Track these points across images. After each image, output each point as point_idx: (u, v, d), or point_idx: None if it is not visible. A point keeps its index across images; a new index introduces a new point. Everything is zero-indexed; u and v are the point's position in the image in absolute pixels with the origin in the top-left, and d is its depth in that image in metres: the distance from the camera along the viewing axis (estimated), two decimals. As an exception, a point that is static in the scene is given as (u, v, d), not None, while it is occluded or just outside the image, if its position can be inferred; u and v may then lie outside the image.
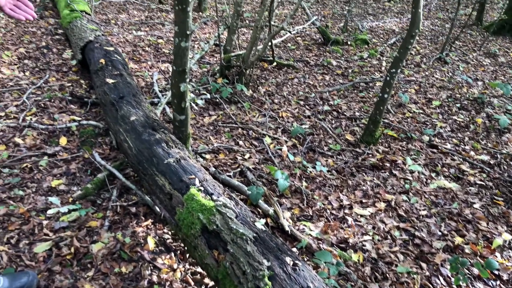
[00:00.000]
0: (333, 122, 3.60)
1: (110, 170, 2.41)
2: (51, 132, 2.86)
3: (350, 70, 4.89)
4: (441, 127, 3.62)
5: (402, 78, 4.74)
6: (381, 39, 6.42)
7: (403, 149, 3.20)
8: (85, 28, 4.10)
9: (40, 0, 6.37)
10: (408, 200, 2.59)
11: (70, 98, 3.35)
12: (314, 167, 2.82)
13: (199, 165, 2.13)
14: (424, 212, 2.48)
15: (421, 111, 3.92)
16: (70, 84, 3.65)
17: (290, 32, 5.15)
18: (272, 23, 4.59)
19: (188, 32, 2.22)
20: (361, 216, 2.41)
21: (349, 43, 5.94)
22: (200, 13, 7.00)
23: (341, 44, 5.86)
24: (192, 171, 1.99)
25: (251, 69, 4.04)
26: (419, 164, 2.99)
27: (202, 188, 1.85)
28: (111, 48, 3.61)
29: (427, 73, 4.99)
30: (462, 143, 3.39)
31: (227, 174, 2.61)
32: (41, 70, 3.90)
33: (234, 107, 3.66)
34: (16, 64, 3.92)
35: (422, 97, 4.24)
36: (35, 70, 3.88)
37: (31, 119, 2.98)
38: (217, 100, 3.68)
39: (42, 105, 3.22)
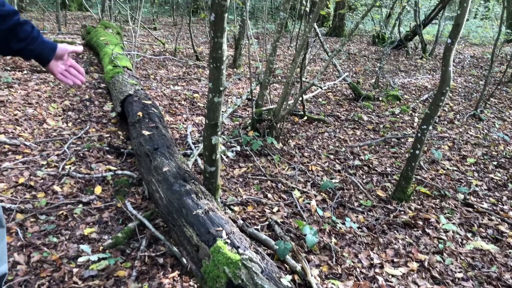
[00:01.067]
0: (364, 177, 3.56)
1: (141, 219, 2.46)
2: (87, 181, 2.98)
3: (381, 126, 4.89)
4: (476, 185, 3.51)
5: (435, 134, 4.69)
6: (413, 95, 6.43)
7: (437, 207, 3.11)
8: (126, 83, 4.36)
9: (87, 56, 6.85)
10: (442, 261, 2.48)
11: (107, 148, 3.51)
12: (343, 223, 2.77)
13: (226, 217, 2.15)
14: (460, 275, 2.36)
15: (455, 168, 3.83)
16: (108, 135, 3.82)
17: (321, 87, 5.26)
18: (303, 79, 4.72)
19: (221, 89, 2.33)
20: (393, 276, 2.32)
21: (380, 98, 5.98)
22: (235, 69, 7.29)
23: (372, 100, 5.91)
24: (220, 223, 2.01)
25: (282, 123, 4.12)
26: (454, 223, 2.88)
27: (228, 241, 1.86)
28: (149, 102, 3.80)
29: (461, 129, 4.92)
30: (500, 203, 3.26)
31: (255, 227, 2.60)
32: (83, 121, 4.12)
33: (264, 160, 3.70)
34: (60, 116, 4.17)
35: (456, 154, 4.16)
36: (77, 121, 4.11)
37: (70, 168, 3.12)
38: (248, 153, 3.75)
39: (81, 154, 3.38)
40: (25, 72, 5.50)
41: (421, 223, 2.85)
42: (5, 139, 3.36)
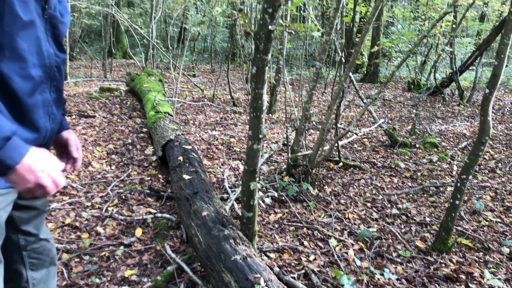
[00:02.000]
0: (402, 226, 3.49)
1: (179, 263, 2.51)
2: (128, 223, 3.08)
3: (419, 173, 4.82)
4: (523, 238, 3.36)
5: (475, 184, 4.56)
6: (451, 143, 6.32)
7: (480, 260, 2.99)
8: (167, 128, 4.55)
9: (130, 102, 7.21)
10: (488, 319, 2.36)
11: (148, 191, 3.63)
12: (382, 274, 2.71)
13: (264, 264, 2.16)
14: (508, 335, 2.24)
15: (498, 220, 3.69)
16: (149, 178, 3.97)
17: (356, 134, 5.29)
18: (339, 125, 4.77)
19: (260, 136, 2.41)
20: (435, 333, 2.23)
21: (417, 146, 5.92)
22: (270, 114, 7.45)
23: (409, 147, 5.85)
24: (258, 269, 2.03)
25: (317, 169, 4.14)
26: (499, 279, 2.75)
27: (267, 289, 1.87)
28: (189, 147, 3.94)
29: (503, 179, 4.77)
30: (549, 258, 3.10)
31: (291, 275, 2.58)
32: (125, 164, 4.31)
33: (299, 206, 3.71)
34: (104, 159, 4.38)
35: (499, 205, 4.02)
36: (120, 164, 4.30)
37: (112, 210, 3.25)
38: (283, 198, 3.77)
39: (123, 197, 3.51)
40: (74, 117, 5.85)
41: (463, 277, 2.75)
42: (54, 181, 3.55)
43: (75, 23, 13.38)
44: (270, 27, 2.09)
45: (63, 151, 1.48)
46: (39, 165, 1.06)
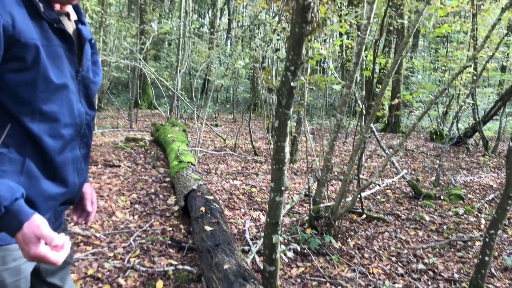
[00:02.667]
0: (429, 283, 3.36)
1: (200, 318, 2.46)
2: (150, 275, 3.07)
3: (445, 227, 4.68)
4: (560, 298, 3.18)
5: (506, 238, 4.39)
6: (477, 195, 6.16)
7: (515, 321, 2.83)
8: (190, 178, 4.62)
9: (154, 151, 7.38)
10: None
11: (169, 242, 3.64)
12: (409, 334, 2.59)
13: (286, 321, 2.11)
14: None
15: (532, 277, 3.52)
16: (171, 229, 3.98)
17: (379, 185, 5.23)
18: (361, 176, 4.75)
19: (282, 188, 2.44)
20: None
21: (442, 197, 5.79)
22: (291, 164, 7.48)
23: (433, 199, 5.73)
24: (280, 327, 1.98)
25: (340, 221, 4.08)
26: None
27: None
28: (211, 197, 3.97)
29: (535, 233, 4.58)
30: None
31: (315, 333, 2.50)
32: (148, 214, 4.35)
33: (322, 259, 3.63)
34: (128, 209, 4.44)
35: (532, 261, 3.84)
36: (143, 214, 4.34)
37: (134, 261, 3.25)
38: (305, 251, 3.71)
39: (145, 247, 3.52)
40: (99, 166, 6.01)
41: None
42: (79, 231, 3.61)
43: (104, 76, 14.04)
44: (292, 83, 2.18)
45: (78, 204, 1.51)
46: (43, 230, 1.05)
